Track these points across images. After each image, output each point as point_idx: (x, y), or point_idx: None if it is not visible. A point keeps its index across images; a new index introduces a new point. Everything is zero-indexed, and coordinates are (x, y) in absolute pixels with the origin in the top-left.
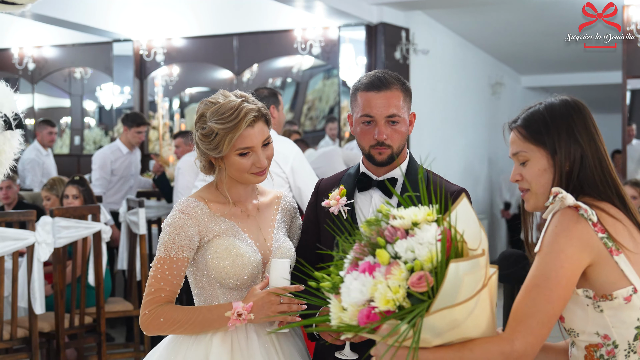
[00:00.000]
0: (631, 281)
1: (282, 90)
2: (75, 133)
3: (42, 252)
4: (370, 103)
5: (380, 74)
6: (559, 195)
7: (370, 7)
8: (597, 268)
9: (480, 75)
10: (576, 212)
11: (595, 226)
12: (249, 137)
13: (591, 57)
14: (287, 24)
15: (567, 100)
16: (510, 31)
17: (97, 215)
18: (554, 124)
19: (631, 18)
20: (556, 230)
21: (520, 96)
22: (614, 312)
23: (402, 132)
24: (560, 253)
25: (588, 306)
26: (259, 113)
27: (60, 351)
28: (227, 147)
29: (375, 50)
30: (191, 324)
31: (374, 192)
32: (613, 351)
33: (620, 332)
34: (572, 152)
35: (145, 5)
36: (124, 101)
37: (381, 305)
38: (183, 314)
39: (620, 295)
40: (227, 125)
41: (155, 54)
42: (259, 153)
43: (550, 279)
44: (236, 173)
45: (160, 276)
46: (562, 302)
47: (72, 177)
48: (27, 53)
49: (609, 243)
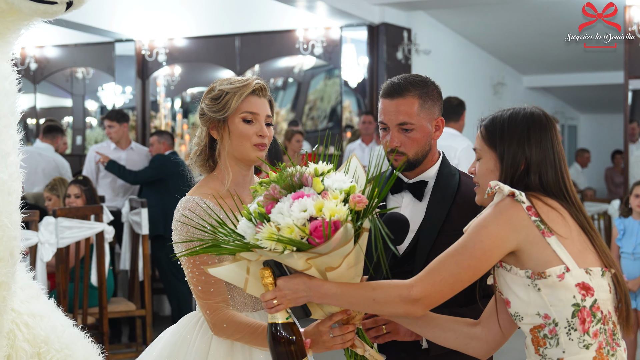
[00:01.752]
0: (563, 260)
1: (284, 90)
2: (77, 133)
3: (45, 253)
4: (384, 110)
5: (397, 80)
6: (496, 187)
7: (372, 8)
8: (530, 247)
9: (482, 76)
10: (511, 199)
11: (530, 210)
12: (256, 103)
13: (592, 57)
14: (289, 24)
15: (532, 112)
16: (512, 31)
17: (99, 216)
18: (508, 132)
19: (633, 18)
20: (488, 211)
21: (522, 96)
22: (550, 290)
23: (417, 139)
24: (482, 229)
25: (529, 286)
26: (266, 89)
27: None
28: (235, 105)
29: (377, 51)
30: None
31: (405, 195)
32: (555, 329)
33: (559, 309)
34: (518, 161)
35: (147, 6)
36: (126, 101)
37: (329, 217)
38: (247, 327)
39: (553, 272)
40: (236, 85)
41: (157, 54)
42: (262, 123)
43: (467, 248)
44: (238, 141)
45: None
46: (470, 271)
47: (75, 177)
48: (29, 53)
49: (542, 226)
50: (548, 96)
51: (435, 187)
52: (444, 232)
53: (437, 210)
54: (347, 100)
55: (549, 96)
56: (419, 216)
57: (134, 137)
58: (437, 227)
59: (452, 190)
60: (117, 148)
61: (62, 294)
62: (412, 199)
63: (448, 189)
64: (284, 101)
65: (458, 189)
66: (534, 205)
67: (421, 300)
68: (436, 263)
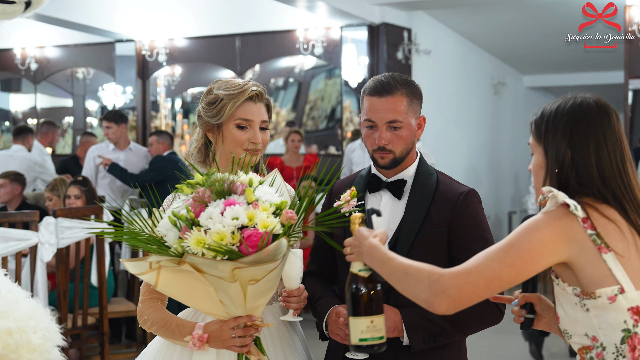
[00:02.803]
0: (618, 280)
1: (285, 90)
2: (78, 133)
3: (45, 253)
4: (372, 108)
5: (385, 79)
6: (550, 193)
7: (372, 8)
8: (583, 262)
9: (483, 75)
10: (566, 209)
11: (585, 222)
12: (250, 110)
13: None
14: (290, 24)
15: (580, 102)
16: (512, 31)
17: (99, 216)
18: (553, 124)
19: (633, 18)
20: (540, 215)
21: (522, 96)
22: (599, 312)
23: (404, 137)
24: (534, 230)
25: (576, 305)
26: (263, 95)
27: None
28: (229, 112)
29: (377, 51)
30: (165, 331)
31: (384, 193)
32: (602, 354)
33: (607, 333)
34: (562, 155)
35: (147, 6)
36: (126, 101)
37: (261, 227)
38: (160, 319)
39: (604, 294)
40: (232, 92)
41: (158, 54)
42: (256, 129)
43: (514, 247)
44: (230, 146)
45: None
46: (513, 271)
47: (75, 177)
48: (29, 53)
49: (598, 240)
50: (548, 96)
51: (414, 186)
52: (423, 230)
53: (417, 208)
54: (347, 100)
55: (549, 96)
56: (398, 215)
57: (134, 137)
58: (416, 226)
59: (431, 188)
60: (116, 149)
61: (63, 294)
62: (391, 197)
63: (426, 188)
64: (284, 101)
65: (436, 188)
66: (589, 217)
67: (448, 292)
68: (476, 257)
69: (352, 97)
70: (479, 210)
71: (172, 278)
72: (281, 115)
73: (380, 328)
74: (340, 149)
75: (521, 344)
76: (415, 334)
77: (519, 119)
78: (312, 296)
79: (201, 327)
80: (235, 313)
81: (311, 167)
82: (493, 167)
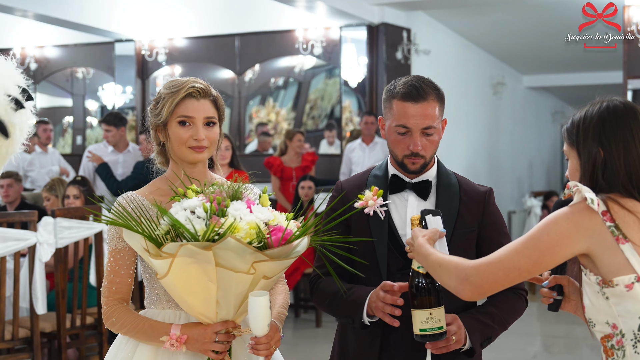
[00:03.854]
0: (635, 269)
1: (285, 89)
2: (77, 133)
3: (43, 253)
4: (406, 114)
5: (417, 83)
6: (575, 188)
7: (371, 8)
8: (601, 253)
9: (482, 75)
10: (585, 202)
11: (605, 215)
12: (191, 107)
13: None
14: (289, 24)
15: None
16: (511, 31)
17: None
18: (583, 128)
19: (632, 18)
20: (565, 208)
21: (521, 96)
22: (618, 300)
23: (435, 142)
24: (553, 224)
25: (598, 293)
26: (206, 92)
27: (62, 351)
28: (168, 110)
29: (376, 51)
30: (136, 333)
31: (409, 194)
32: (621, 341)
33: (626, 321)
34: (594, 156)
35: (147, 6)
36: (126, 101)
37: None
38: (131, 321)
39: (621, 282)
40: (171, 90)
41: (157, 54)
42: (198, 126)
43: (532, 239)
44: (175, 145)
45: (109, 269)
46: (530, 262)
47: (74, 177)
48: (29, 53)
49: (616, 232)
50: (548, 96)
51: (439, 186)
52: (457, 230)
53: (448, 207)
54: (347, 100)
55: (548, 96)
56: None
57: (133, 137)
58: (451, 224)
59: (455, 188)
60: (115, 151)
61: (61, 293)
62: (416, 198)
63: (451, 188)
64: (284, 101)
65: (460, 188)
66: (609, 210)
67: (472, 280)
68: (502, 249)
69: (352, 97)
70: (497, 208)
71: (182, 270)
72: (281, 115)
73: (439, 319)
74: (340, 149)
75: (521, 344)
76: (475, 338)
77: (518, 118)
78: (337, 291)
79: (179, 328)
80: (225, 316)
81: (310, 166)
82: (492, 167)
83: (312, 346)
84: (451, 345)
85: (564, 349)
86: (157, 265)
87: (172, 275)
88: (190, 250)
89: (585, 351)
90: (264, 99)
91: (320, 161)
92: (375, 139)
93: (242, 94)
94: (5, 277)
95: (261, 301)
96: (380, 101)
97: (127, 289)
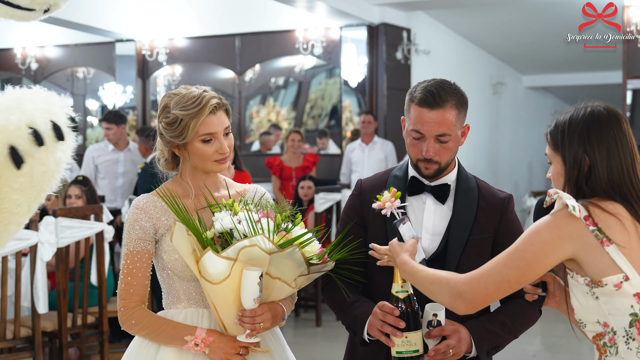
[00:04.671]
0: (622, 269)
1: (285, 89)
2: (78, 132)
3: (45, 252)
4: (421, 119)
5: (435, 89)
6: (556, 195)
7: (371, 8)
8: (586, 256)
9: (482, 75)
10: (566, 209)
11: (587, 219)
12: (212, 123)
13: (592, 57)
14: (289, 25)
15: (592, 110)
16: (511, 31)
17: (99, 215)
18: (568, 134)
19: (631, 18)
20: (547, 217)
21: (521, 96)
22: (607, 298)
23: (450, 148)
24: (535, 233)
25: (587, 294)
26: (220, 102)
27: (63, 350)
28: (192, 132)
29: (376, 51)
30: (157, 335)
31: (427, 197)
32: (613, 338)
33: (616, 318)
34: (579, 161)
35: (147, 6)
36: (127, 101)
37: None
38: (152, 323)
39: (610, 282)
40: (191, 111)
41: (158, 54)
42: (221, 140)
43: (518, 250)
44: (199, 161)
45: (126, 271)
46: (519, 272)
47: (75, 177)
48: (29, 53)
49: (600, 235)
50: (548, 96)
51: (458, 191)
52: (472, 236)
53: (464, 213)
54: (347, 100)
55: (548, 96)
56: (444, 218)
57: (133, 137)
58: (466, 231)
59: (474, 193)
60: (115, 149)
61: (62, 293)
62: (434, 201)
63: (469, 192)
64: (285, 100)
65: (479, 193)
66: (590, 214)
67: (465, 295)
68: (489, 262)
69: (352, 97)
70: (516, 215)
71: (236, 274)
72: (281, 115)
73: (415, 342)
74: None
75: (521, 343)
76: (481, 347)
77: (518, 118)
78: (343, 302)
79: (204, 331)
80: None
81: (310, 167)
82: (492, 167)
83: (312, 345)
84: (448, 358)
85: (564, 348)
86: (212, 270)
87: (232, 277)
88: (251, 253)
89: (585, 350)
90: (264, 98)
91: (320, 161)
92: (375, 139)
93: (242, 93)
94: (7, 277)
95: (251, 275)
96: (380, 101)
97: (144, 291)
